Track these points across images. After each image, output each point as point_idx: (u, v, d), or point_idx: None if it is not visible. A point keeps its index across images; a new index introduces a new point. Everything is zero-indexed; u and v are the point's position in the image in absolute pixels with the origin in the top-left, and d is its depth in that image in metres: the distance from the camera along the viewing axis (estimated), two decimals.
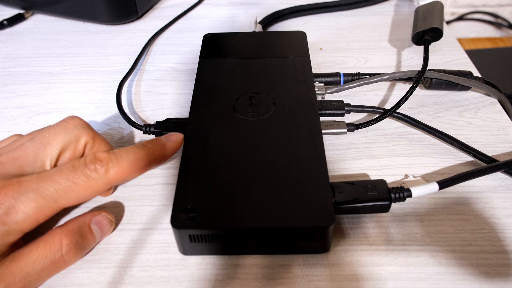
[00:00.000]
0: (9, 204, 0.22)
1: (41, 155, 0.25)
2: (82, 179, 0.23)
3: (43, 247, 0.23)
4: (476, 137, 0.32)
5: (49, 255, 0.23)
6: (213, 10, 0.51)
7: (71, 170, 0.23)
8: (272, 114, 0.30)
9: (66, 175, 0.23)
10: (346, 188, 0.26)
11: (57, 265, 0.23)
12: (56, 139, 0.26)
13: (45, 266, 0.22)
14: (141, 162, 0.25)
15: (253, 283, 0.24)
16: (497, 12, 1.16)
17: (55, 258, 0.23)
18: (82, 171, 0.23)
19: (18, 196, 0.22)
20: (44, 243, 0.23)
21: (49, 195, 0.22)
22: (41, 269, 0.22)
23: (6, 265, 0.22)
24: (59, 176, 0.23)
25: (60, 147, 0.26)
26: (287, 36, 0.39)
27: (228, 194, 0.24)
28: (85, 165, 0.23)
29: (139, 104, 0.37)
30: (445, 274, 0.24)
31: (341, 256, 0.25)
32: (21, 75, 0.41)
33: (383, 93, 0.37)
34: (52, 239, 0.23)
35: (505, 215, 0.27)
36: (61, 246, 0.23)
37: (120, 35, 0.46)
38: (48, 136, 0.25)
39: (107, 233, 0.26)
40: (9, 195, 0.22)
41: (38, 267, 0.22)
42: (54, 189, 0.22)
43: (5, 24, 0.48)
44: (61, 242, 0.23)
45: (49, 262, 0.23)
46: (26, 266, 0.22)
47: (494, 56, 0.88)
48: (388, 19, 0.48)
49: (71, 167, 0.23)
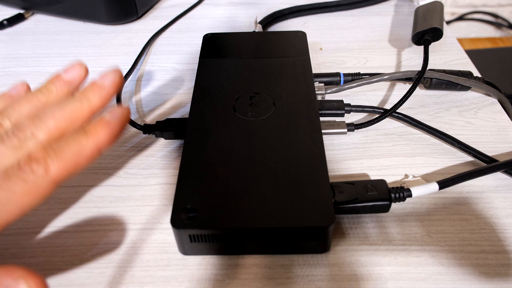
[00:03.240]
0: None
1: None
2: (20, 186, 0.20)
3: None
4: (476, 137, 0.32)
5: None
6: (213, 10, 0.51)
7: (4, 179, 0.20)
8: (272, 114, 0.30)
9: (0, 186, 0.20)
10: (346, 188, 0.26)
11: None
12: (2, 160, 0.21)
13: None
14: (86, 151, 0.21)
15: (253, 283, 0.24)
16: (497, 12, 1.16)
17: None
18: (17, 176, 0.20)
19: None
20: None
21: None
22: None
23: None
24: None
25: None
26: (287, 36, 0.39)
27: (228, 194, 0.24)
28: (19, 169, 0.20)
29: (139, 104, 0.37)
30: (445, 274, 0.24)
31: (341, 256, 0.25)
32: (21, 75, 0.41)
33: (383, 93, 0.37)
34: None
35: (505, 215, 0.27)
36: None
37: (120, 35, 0.46)
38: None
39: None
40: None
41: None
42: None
43: (5, 24, 0.48)
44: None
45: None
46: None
47: (494, 56, 0.88)
48: (388, 19, 0.48)
49: (3, 175, 0.20)
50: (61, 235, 0.26)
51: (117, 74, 0.25)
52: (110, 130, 0.22)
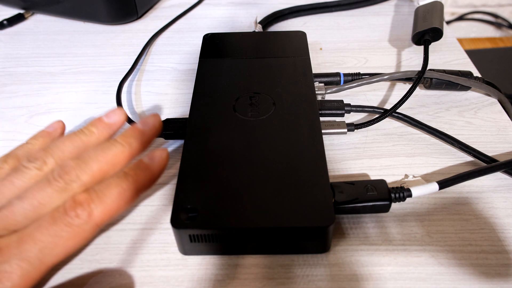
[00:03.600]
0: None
1: (31, 216, 0.22)
2: (66, 231, 0.21)
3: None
4: (476, 137, 0.32)
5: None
6: (213, 10, 0.51)
7: (51, 223, 0.21)
8: (272, 114, 0.30)
9: (47, 230, 0.20)
10: (346, 188, 0.26)
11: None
12: (50, 202, 0.22)
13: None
14: (126, 194, 0.22)
15: (253, 283, 0.24)
16: (497, 12, 1.16)
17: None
18: (63, 221, 0.21)
19: (0, 267, 0.19)
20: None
21: (33, 257, 0.20)
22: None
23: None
24: (40, 233, 0.20)
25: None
26: (287, 36, 0.39)
27: (228, 194, 0.24)
28: (65, 213, 0.21)
29: (139, 104, 0.37)
30: (445, 274, 0.24)
31: (341, 256, 0.25)
32: (21, 75, 0.41)
33: (383, 93, 0.37)
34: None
35: (505, 215, 0.27)
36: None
37: (120, 35, 0.46)
38: (40, 198, 0.22)
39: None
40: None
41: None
42: (37, 250, 0.20)
43: (5, 24, 0.48)
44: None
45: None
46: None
47: (494, 56, 0.88)
48: (388, 19, 0.48)
49: (50, 219, 0.21)
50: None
51: (157, 119, 0.26)
52: (150, 174, 0.23)
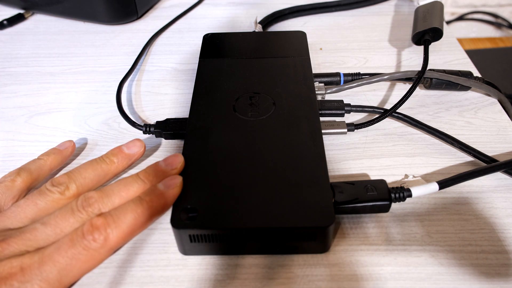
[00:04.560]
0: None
1: (52, 240, 0.23)
2: (83, 254, 0.22)
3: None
4: (476, 137, 0.32)
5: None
6: (213, 10, 0.51)
7: (70, 246, 0.22)
8: (272, 114, 0.30)
9: (66, 252, 0.22)
10: (346, 188, 0.26)
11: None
12: (70, 230, 0.23)
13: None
14: (141, 219, 0.23)
15: (253, 283, 0.24)
16: (497, 12, 1.16)
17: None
18: (81, 244, 0.22)
19: (23, 286, 0.21)
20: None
21: (53, 278, 0.21)
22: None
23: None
24: (59, 255, 0.22)
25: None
26: (287, 36, 0.39)
27: (228, 194, 0.24)
28: (82, 237, 0.22)
29: (139, 104, 0.37)
30: (445, 274, 0.24)
31: (341, 256, 0.25)
32: (21, 75, 0.41)
33: (383, 93, 0.37)
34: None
35: (505, 215, 0.27)
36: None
37: (120, 35, 0.46)
38: (63, 227, 0.24)
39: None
40: (14, 286, 0.21)
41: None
42: (57, 271, 0.21)
43: (5, 24, 0.48)
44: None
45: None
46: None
47: (494, 56, 0.88)
48: (388, 19, 0.48)
49: (69, 242, 0.22)
50: None
51: (179, 160, 0.26)
52: (164, 200, 0.24)
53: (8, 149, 0.33)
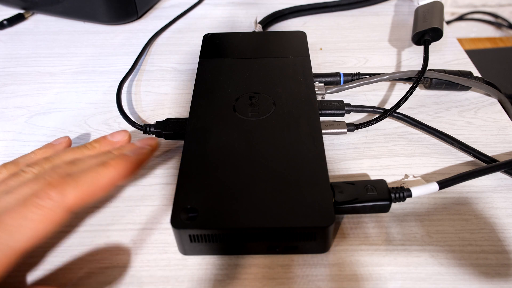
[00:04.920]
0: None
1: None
2: (37, 213, 0.20)
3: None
4: (476, 137, 0.32)
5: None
6: (213, 10, 0.51)
7: (21, 206, 0.20)
8: (272, 114, 0.30)
9: (17, 213, 0.20)
10: (346, 188, 0.26)
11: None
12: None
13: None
14: (103, 181, 0.22)
15: (253, 283, 0.24)
16: (497, 12, 1.16)
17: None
18: (33, 203, 0.20)
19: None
20: None
21: (2, 242, 0.20)
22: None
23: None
24: (9, 217, 0.20)
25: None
26: (287, 36, 0.39)
27: (228, 194, 0.24)
28: (36, 196, 0.21)
29: (139, 104, 0.37)
30: (445, 274, 0.24)
31: (341, 256, 0.25)
32: (21, 75, 0.41)
33: (383, 93, 0.37)
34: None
35: (505, 215, 0.27)
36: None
37: (120, 35, 0.46)
38: (25, 193, 0.22)
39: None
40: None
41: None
42: (5, 234, 0.20)
43: (5, 24, 0.48)
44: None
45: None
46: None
47: (494, 56, 0.88)
48: (388, 19, 0.48)
49: (21, 202, 0.20)
50: (61, 235, 0.26)
51: (154, 141, 0.27)
52: (129, 164, 0.23)
53: (8, 149, 0.33)
